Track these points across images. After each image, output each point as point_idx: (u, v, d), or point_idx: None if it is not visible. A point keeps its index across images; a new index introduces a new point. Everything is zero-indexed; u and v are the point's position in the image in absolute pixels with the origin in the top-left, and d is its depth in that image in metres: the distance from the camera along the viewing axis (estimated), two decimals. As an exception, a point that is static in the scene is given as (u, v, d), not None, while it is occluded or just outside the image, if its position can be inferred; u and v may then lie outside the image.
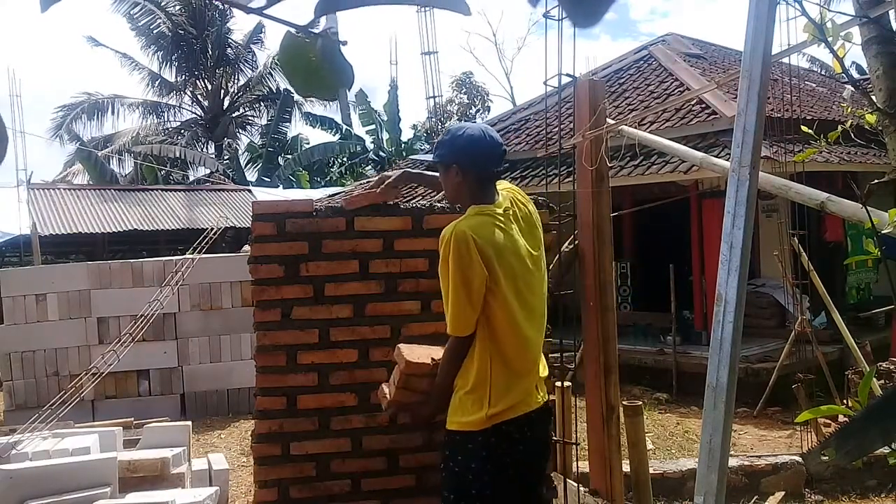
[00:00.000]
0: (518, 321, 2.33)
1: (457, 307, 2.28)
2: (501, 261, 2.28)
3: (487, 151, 2.39)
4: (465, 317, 2.29)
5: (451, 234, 2.27)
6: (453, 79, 30.68)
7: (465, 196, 2.44)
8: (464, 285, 2.26)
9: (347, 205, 2.88)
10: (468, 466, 2.31)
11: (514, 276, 2.32)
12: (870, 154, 8.64)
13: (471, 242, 2.23)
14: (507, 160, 10.57)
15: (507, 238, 2.33)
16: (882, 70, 3.21)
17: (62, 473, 3.79)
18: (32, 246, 11.68)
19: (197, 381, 7.59)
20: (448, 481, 2.37)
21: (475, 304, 2.27)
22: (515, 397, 2.33)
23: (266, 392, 2.86)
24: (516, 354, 2.35)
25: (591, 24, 0.82)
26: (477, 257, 2.24)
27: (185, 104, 23.23)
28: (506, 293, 2.29)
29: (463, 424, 2.33)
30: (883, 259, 1.94)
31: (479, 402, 2.30)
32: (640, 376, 8.35)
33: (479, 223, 2.31)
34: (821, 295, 6.32)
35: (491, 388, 2.30)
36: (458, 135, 2.42)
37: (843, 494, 4.70)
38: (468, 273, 2.25)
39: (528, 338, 2.37)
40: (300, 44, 0.85)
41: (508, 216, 2.39)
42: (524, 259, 2.36)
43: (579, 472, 3.69)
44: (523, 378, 2.37)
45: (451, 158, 2.42)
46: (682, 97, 7.28)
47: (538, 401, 2.42)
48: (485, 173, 2.40)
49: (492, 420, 2.30)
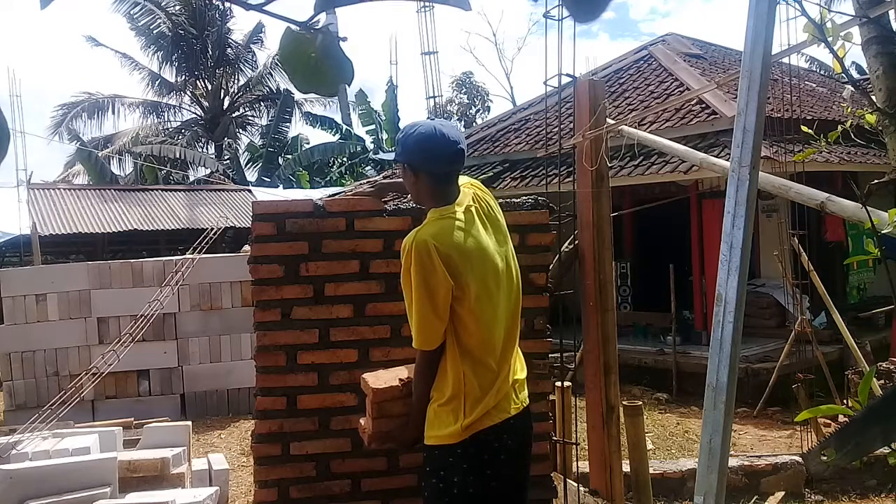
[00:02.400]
0: (489, 324, 2.23)
1: (423, 320, 2.18)
2: (467, 265, 2.18)
3: (439, 150, 2.23)
4: (432, 329, 2.19)
5: (411, 244, 2.16)
6: (453, 79, 30.78)
7: (424, 196, 2.33)
8: (428, 297, 2.15)
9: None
10: (451, 481, 2.22)
11: (482, 277, 2.22)
12: (870, 154, 8.64)
13: (433, 251, 2.13)
14: (506, 160, 10.72)
15: (471, 239, 2.23)
16: (882, 70, 3.22)
17: (62, 473, 3.79)
18: (32, 246, 11.67)
19: (197, 381, 7.59)
20: (431, 497, 2.28)
21: (442, 315, 2.17)
22: (491, 403, 2.23)
23: (266, 392, 2.86)
24: (489, 359, 2.24)
25: (591, 19, 0.82)
26: (441, 266, 2.13)
27: (185, 104, 23.25)
28: (473, 298, 2.19)
29: (441, 438, 2.23)
30: (883, 259, 1.94)
31: (454, 414, 2.21)
32: (640, 376, 8.35)
33: (440, 229, 2.20)
34: (821, 295, 6.32)
35: (465, 397, 2.21)
36: (410, 133, 2.28)
37: (843, 494, 4.69)
38: (432, 283, 2.14)
39: (500, 339, 2.26)
40: (300, 40, 0.85)
41: (471, 214, 2.27)
42: (491, 257, 2.26)
43: (579, 472, 3.69)
44: (498, 383, 2.25)
45: (403, 157, 2.30)
46: (682, 97, 7.28)
47: (516, 405, 2.30)
48: (439, 172, 2.26)
49: (469, 430, 2.20)
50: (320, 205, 2.91)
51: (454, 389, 2.22)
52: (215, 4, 20.60)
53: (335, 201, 2.96)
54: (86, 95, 21.75)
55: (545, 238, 3.08)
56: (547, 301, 3.06)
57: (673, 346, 8.21)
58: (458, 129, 2.37)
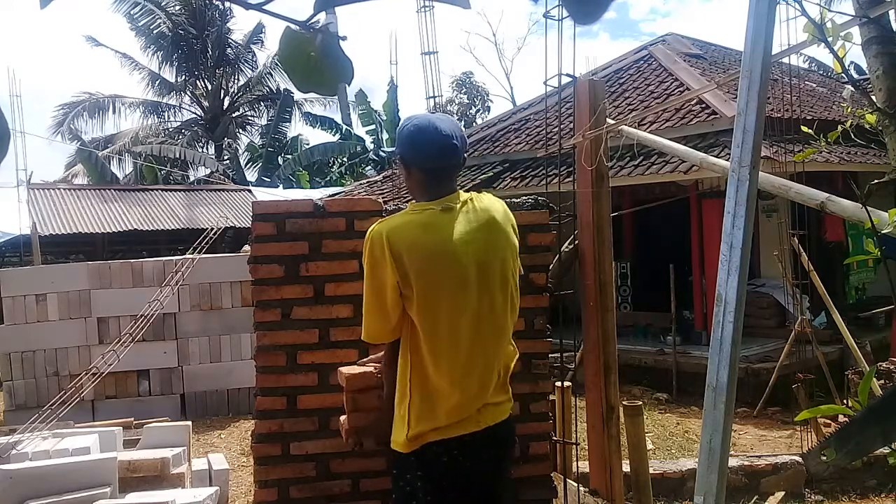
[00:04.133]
0: (441, 335, 2.08)
1: (367, 312, 2.14)
2: (421, 265, 2.05)
3: (429, 143, 2.12)
4: (375, 322, 2.13)
5: (369, 235, 2.12)
6: (453, 79, 30.78)
7: (415, 190, 2.23)
8: (375, 290, 2.10)
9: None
10: (415, 485, 2.15)
11: (439, 283, 2.07)
12: (870, 154, 8.64)
13: (385, 244, 2.05)
14: (506, 160, 10.71)
15: (437, 239, 2.09)
16: (882, 70, 3.22)
17: (62, 473, 3.79)
18: (32, 246, 11.67)
19: (197, 381, 7.59)
20: (398, 500, 2.24)
21: (389, 310, 2.08)
22: (442, 419, 2.08)
23: (266, 392, 2.86)
24: (438, 373, 2.08)
25: (591, 21, 0.82)
26: (390, 260, 2.04)
27: (185, 104, 23.26)
28: (423, 302, 2.06)
29: (396, 444, 2.16)
30: (883, 259, 1.94)
31: (402, 421, 2.12)
32: (640, 376, 8.35)
33: (402, 223, 2.11)
34: (821, 295, 6.32)
35: (410, 406, 2.10)
36: (405, 125, 2.21)
37: (843, 494, 4.69)
38: (380, 276, 2.08)
39: (458, 355, 2.09)
40: (300, 39, 0.85)
41: (451, 214, 2.13)
42: (458, 263, 2.08)
43: (579, 472, 3.69)
44: (451, 402, 2.09)
45: (398, 150, 2.22)
46: (682, 97, 7.28)
47: (479, 424, 2.12)
48: (429, 166, 2.16)
49: (414, 442, 2.10)
50: (320, 205, 2.91)
51: (401, 395, 2.14)
52: (215, 4, 20.61)
53: (335, 201, 2.97)
54: (86, 95, 21.77)
55: (545, 238, 3.08)
56: (547, 301, 3.05)
57: (673, 346, 8.21)
58: (457, 123, 2.27)
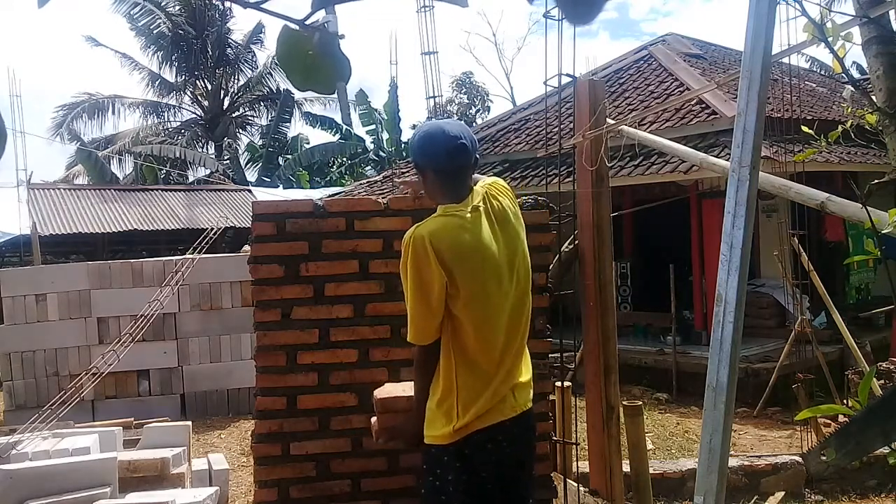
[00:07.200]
0: (486, 325, 2.25)
1: (416, 314, 2.23)
2: (464, 264, 2.21)
3: (438, 146, 2.26)
4: (425, 323, 2.23)
5: (409, 239, 2.22)
6: (453, 79, 30.80)
7: (435, 194, 2.36)
8: (422, 290, 2.20)
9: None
10: (446, 479, 2.25)
11: (481, 278, 2.24)
12: (870, 154, 8.64)
13: (428, 247, 2.17)
14: (506, 160, 10.72)
15: (471, 239, 2.24)
16: (882, 70, 3.21)
17: (62, 473, 3.79)
18: (32, 246, 11.67)
19: (197, 381, 7.59)
20: (427, 496, 2.32)
21: (435, 310, 2.21)
22: (485, 406, 2.24)
23: (266, 392, 2.86)
24: (484, 360, 2.26)
25: (585, 22, 0.82)
26: (435, 261, 2.17)
27: (185, 104, 23.25)
28: (469, 297, 2.21)
29: (435, 438, 2.27)
30: (883, 259, 1.94)
31: (447, 415, 2.24)
32: (640, 376, 8.34)
33: (440, 226, 2.24)
34: (821, 295, 6.32)
35: (458, 399, 2.23)
36: (416, 133, 2.38)
37: (843, 494, 4.69)
38: (426, 277, 2.19)
39: (498, 342, 2.27)
40: (298, 38, 0.85)
41: (478, 214, 2.29)
42: (492, 259, 2.27)
43: (579, 472, 3.69)
44: (494, 385, 2.26)
45: (412, 158, 2.41)
46: (682, 97, 7.28)
47: (514, 408, 2.30)
48: (444, 170, 2.29)
49: (460, 433, 2.23)
50: (320, 205, 2.92)
51: (447, 390, 2.25)
52: (215, 4, 20.61)
53: (335, 201, 2.97)
54: (86, 96, 21.76)
55: (545, 238, 3.08)
56: (547, 301, 3.06)
57: (673, 346, 8.21)
58: (465, 126, 2.39)
